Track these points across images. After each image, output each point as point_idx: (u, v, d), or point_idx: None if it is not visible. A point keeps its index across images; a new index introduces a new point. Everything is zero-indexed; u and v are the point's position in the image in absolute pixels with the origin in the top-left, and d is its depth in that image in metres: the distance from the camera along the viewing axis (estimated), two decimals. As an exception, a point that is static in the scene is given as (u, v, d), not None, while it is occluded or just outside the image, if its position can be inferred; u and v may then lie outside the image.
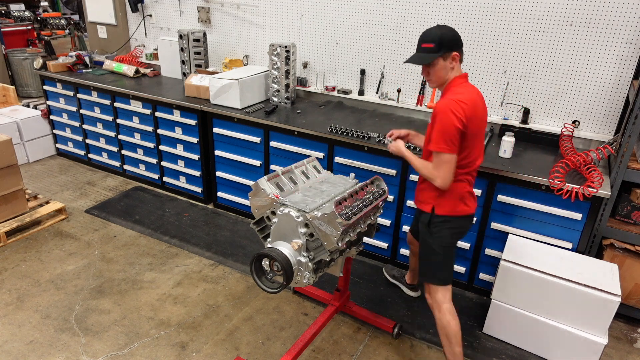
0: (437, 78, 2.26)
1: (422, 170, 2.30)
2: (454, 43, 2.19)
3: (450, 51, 2.19)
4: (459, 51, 2.21)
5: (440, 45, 2.17)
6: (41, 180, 4.75)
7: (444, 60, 2.20)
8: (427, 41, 2.20)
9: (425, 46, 2.20)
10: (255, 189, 2.20)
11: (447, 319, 2.39)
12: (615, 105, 3.15)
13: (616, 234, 2.81)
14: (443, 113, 2.12)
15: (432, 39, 2.18)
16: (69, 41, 6.41)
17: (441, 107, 2.14)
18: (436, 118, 2.16)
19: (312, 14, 4.04)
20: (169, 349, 2.70)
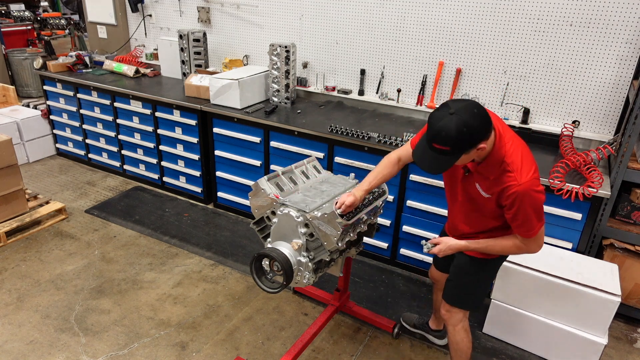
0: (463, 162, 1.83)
1: (506, 252, 1.99)
2: (476, 139, 1.69)
3: (471, 148, 1.71)
4: (485, 139, 1.72)
5: (458, 149, 1.70)
6: (41, 180, 4.75)
7: (467, 154, 1.74)
8: (441, 143, 1.68)
9: (440, 148, 1.69)
10: (255, 189, 2.20)
11: (460, 336, 2.25)
12: (615, 105, 3.15)
13: (616, 234, 2.81)
14: (530, 201, 1.78)
15: (447, 141, 1.66)
16: (69, 41, 6.41)
17: (524, 194, 1.76)
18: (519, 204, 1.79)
19: (312, 14, 4.04)
20: (169, 349, 2.70)
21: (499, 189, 1.83)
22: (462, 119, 1.64)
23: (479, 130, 1.68)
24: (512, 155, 1.80)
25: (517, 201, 1.78)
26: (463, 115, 1.64)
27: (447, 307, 2.26)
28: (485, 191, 1.90)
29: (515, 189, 1.77)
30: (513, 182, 1.77)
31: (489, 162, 1.83)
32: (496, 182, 1.83)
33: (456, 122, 1.64)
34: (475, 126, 1.67)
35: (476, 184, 1.93)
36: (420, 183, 3.16)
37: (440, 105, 1.73)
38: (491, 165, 1.83)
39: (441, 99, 3.73)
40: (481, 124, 1.69)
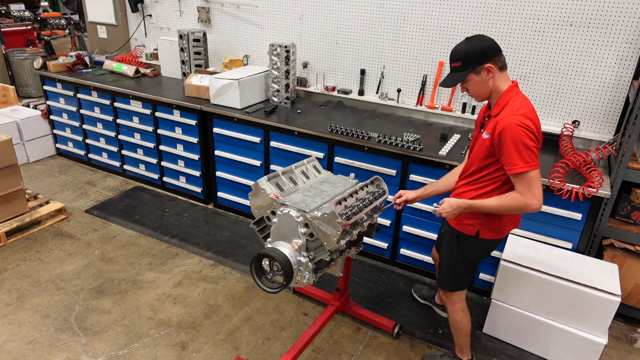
0: (477, 94, 2.10)
1: (507, 205, 2.01)
2: (483, 55, 1.99)
3: (480, 64, 2.00)
4: (493, 62, 2.00)
5: (467, 62, 2.01)
6: (41, 180, 4.75)
7: (477, 74, 2.02)
8: (453, 60, 2.05)
9: (454, 65, 2.05)
10: (255, 189, 2.20)
11: (459, 316, 2.45)
12: (615, 105, 3.15)
13: (616, 234, 2.81)
14: (516, 130, 1.91)
15: (458, 56, 2.02)
16: (69, 41, 6.42)
17: (510, 125, 1.92)
18: (506, 137, 1.93)
19: (312, 14, 4.04)
20: (169, 349, 2.70)
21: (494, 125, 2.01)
22: (472, 39, 2.02)
23: (485, 48, 1.99)
24: (517, 102, 2.02)
25: (502, 134, 1.95)
26: (474, 38, 2.03)
27: (441, 292, 2.52)
28: (487, 132, 2.07)
29: (503, 120, 1.96)
30: (504, 115, 1.99)
31: (499, 103, 2.06)
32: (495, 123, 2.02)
33: (466, 42, 2.02)
34: (481, 46, 2.00)
35: (483, 133, 2.12)
36: (421, 183, 3.16)
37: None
38: (499, 105, 2.06)
39: (441, 99, 3.73)
40: (489, 44, 2.01)
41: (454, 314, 2.45)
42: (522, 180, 1.95)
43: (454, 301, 2.43)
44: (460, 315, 2.44)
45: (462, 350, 2.52)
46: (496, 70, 2.03)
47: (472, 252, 2.29)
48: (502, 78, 2.06)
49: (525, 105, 2.01)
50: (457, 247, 2.29)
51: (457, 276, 2.38)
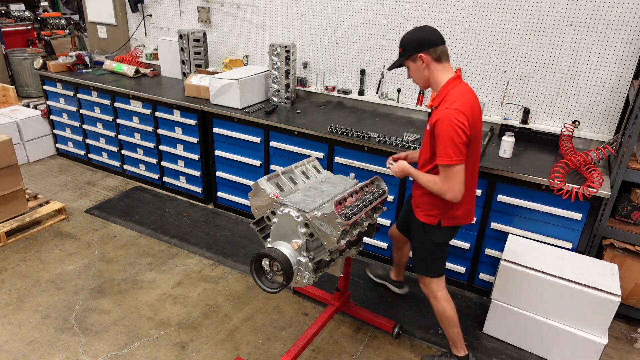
0: (417, 81, 2.29)
1: (430, 186, 2.21)
2: (418, 45, 2.14)
3: (414, 53, 2.16)
4: (427, 52, 2.14)
5: (405, 49, 2.18)
6: (41, 180, 4.75)
7: (414, 62, 2.20)
8: (399, 46, 2.23)
9: (399, 51, 2.24)
10: (255, 189, 2.20)
11: (442, 305, 2.48)
12: (615, 105, 3.15)
13: (616, 234, 2.81)
14: (445, 125, 2.05)
15: (401, 43, 2.21)
16: (69, 41, 6.42)
17: (442, 118, 2.07)
18: (438, 130, 2.09)
19: (312, 14, 4.04)
20: (169, 349, 2.70)
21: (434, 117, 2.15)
22: (418, 29, 2.18)
23: (423, 38, 2.15)
24: (454, 94, 2.14)
25: (436, 126, 2.11)
26: (419, 28, 2.19)
27: (420, 280, 2.56)
28: (429, 123, 2.22)
29: (438, 115, 2.11)
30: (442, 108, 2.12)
31: (439, 95, 2.21)
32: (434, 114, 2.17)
33: (412, 31, 2.19)
34: (421, 35, 2.16)
35: (428, 125, 2.26)
36: (420, 183, 3.16)
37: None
38: (439, 97, 2.20)
39: (441, 99, 3.73)
40: (428, 35, 2.15)
41: (437, 304, 2.50)
42: (443, 172, 2.13)
43: (434, 291, 2.49)
44: (444, 304, 2.47)
45: (455, 344, 2.53)
46: (430, 60, 2.16)
47: (437, 237, 2.42)
48: (440, 69, 2.19)
49: (462, 98, 2.12)
50: (425, 235, 2.43)
51: (431, 260, 2.48)
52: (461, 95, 2.13)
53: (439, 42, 2.16)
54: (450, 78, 2.19)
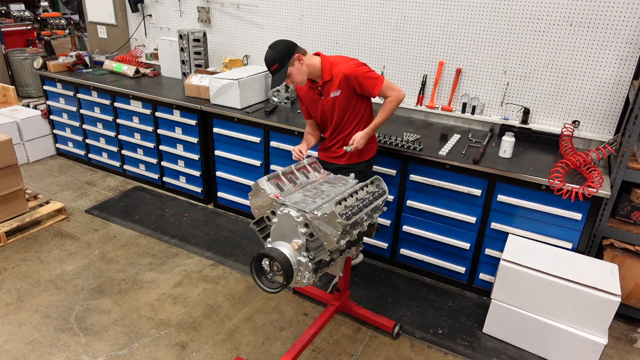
0: (300, 80, 2.65)
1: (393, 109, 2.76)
2: (289, 52, 2.55)
3: (290, 58, 2.56)
4: (297, 52, 2.59)
5: (282, 61, 2.54)
6: (41, 180, 4.75)
7: (293, 66, 2.58)
8: (271, 65, 2.56)
9: (273, 69, 2.56)
10: (255, 189, 2.20)
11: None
12: (615, 105, 3.15)
13: (616, 234, 2.81)
14: (357, 71, 2.63)
15: (273, 61, 2.54)
16: (69, 41, 6.41)
17: (351, 70, 2.62)
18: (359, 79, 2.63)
19: (312, 14, 4.04)
20: (169, 349, 2.70)
21: (339, 80, 2.66)
22: (275, 45, 2.57)
23: (288, 46, 2.56)
24: (333, 60, 2.70)
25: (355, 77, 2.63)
26: (275, 44, 2.58)
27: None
28: (336, 90, 2.69)
29: (345, 70, 2.63)
30: (342, 68, 2.65)
31: (324, 71, 2.68)
32: (335, 78, 2.67)
33: (272, 49, 2.56)
34: (285, 44, 2.57)
35: (331, 94, 2.72)
36: (420, 183, 3.16)
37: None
38: (326, 72, 2.68)
39: (441, 99, 3.73)
40: (287, 43, 2.58)
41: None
42: (386, 88, 2.70)
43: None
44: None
45: None
46: (302, 56, 2.60)
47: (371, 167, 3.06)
48: (310, 58, 2.67)
49: (341, 57, 2.74)
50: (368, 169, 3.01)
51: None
52: (338, 56, 2.73)
53: (294, 43, 2.62)
54: (321, 57, 2.69)
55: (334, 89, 2.69)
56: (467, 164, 2.94)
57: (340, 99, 2.72)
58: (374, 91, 2.69)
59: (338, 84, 2.67)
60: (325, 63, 2.68)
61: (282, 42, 2.59)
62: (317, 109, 2.85)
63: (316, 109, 2.86)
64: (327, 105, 2.78)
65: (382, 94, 2.72)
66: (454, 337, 2.86)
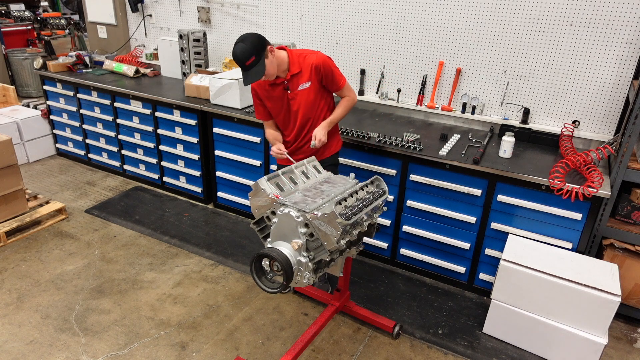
0: (271, 73, 2.55)
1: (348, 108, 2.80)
2: (262, 44, 2.47)
3: (265, 50, 2.47)
4: (269, 44, 2.52)
5: (258, 53, 2.44)
6: (41, 180, 4.75)
7: (267, 58, 2.49)
8: (246, 59, 2.43)
9: (249, 63, 2.44)
10: (255, 189, 2.20)
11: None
12: (615, 105, 3.15)
13: (616, 234, 2.81)
14: (327, 62, 2.64)
15: (249, 54, 2.42)
16: (69, 41, 6.41)
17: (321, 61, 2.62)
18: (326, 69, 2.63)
19: (312, 14, 4.04)
20: (169, 349, 2.70)
21: (309, 71, 2.63)
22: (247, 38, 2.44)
23: (260, 38, 2.47)
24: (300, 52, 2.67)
25: (324, 67, 2.63)
26: (246, 37, 2.45)
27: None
28: (306, 82, 2.65)
29: (316, 60, 2.62)
30: (312, 59, 2.62)
31: (292, 64, 2.62)
32: (304, 70, 2.63)
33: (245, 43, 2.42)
34: (256, 37, 2.46)
35: (299, 86, 2.66)
36: (420, 183, 3.16)
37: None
38: (294, 64, 2.62)
39: (441, 99, 3.73)
40: (258, 35, 2.48)
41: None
42: (348, 87, 2.79)
43: None
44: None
45: None
46: (274, 48, 2.54)
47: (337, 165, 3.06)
48: (279, 51, 2.61)
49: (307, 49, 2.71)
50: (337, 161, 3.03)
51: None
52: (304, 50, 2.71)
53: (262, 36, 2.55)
54: (287, 50, 2.65)
55: (304, 81, 2.64)
56: (467, 164, 2.94)
57: (310, 91, 2.67)
58: (339, 84, 2.72)
59: (308, 75, 2.63)
60: (292, 55, 2.63)
61: (254, 35, 2.48)
62: (282, 105, 2.75)
63: (280, 106, 2.75)
64: (294, 100, 2.70)
65: (343, 92, 2.78)
66: (454, 337, 2.86)
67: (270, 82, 2.67)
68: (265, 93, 2.74)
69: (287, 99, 2.71)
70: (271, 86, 2.69)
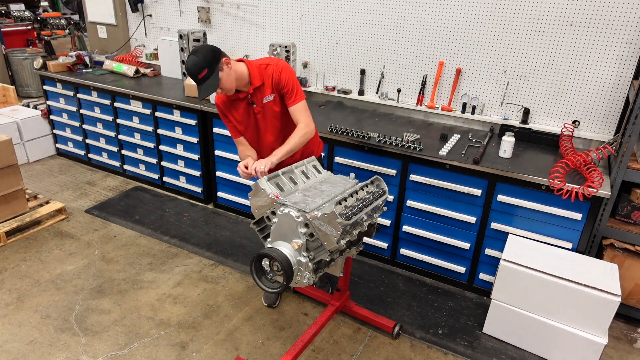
0: (229, 87, 2.39)
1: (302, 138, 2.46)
2: (216, 56, 2.33)
3: (219, 62, 2.33)
4: (224, 56, 2.37)
5: (211, 66, 2.31)
6: (41, 180, 4.75)
7: (222, 71, 2.35)
8: (198, 72, 2.29)
9: (202, 76, 2.30)
10: (255, 189, 2.20)
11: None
12: (615, 105, 3.15)
13: (616, 234, 2.81)
14: (288, 71, 2.44)
15: (201, 67, 2.29)
16: (69, 41, 6.41)
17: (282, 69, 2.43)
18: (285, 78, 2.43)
19: (312, 14, 4.04)
20: (169, 349, 2.70)
21: (271, 81, 2.45)
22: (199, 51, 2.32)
23: (213, 50, 2.34)
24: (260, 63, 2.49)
25: (284, 74, 2.43)
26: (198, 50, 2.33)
27: None
28: (270, 94, 2.49)
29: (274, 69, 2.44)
30: (271, 68, 2.45)
31: (253, 77, 2.45)
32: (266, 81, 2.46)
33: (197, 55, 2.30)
34: (210, 49, 2.34)
35: (264, 99, 2.50)
36: (420, 183, 3.16)
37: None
38: (255, 76, 2.45)
39: (441, 99, 3.73)
40: (212, 47, 2.37)
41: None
42: (302, 109, 2.47)
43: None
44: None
45: None
46: (230, 60, 2.39)
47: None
48: (238, 64, 2.44)
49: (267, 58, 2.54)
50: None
51: None
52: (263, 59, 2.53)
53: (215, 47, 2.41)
54: (246, 62, 2.47)
55: (267, 93, 2.49)
56: (467, 164, 2.95)
57: (275, 103, 2.51)
58: (295, 98, 2.45)
59: (271, 87, 2.47)
60: (252, 68, 2.46)
61: (206, 46, 2.36)
62: (250, 121, 2.59)
63: (248, 123, 2.59)
64: (261, 114, 2.55)
65: (296, 110, 2.47)
66: (454, 337, 2.86)
67: (232, 98, 2.52)
68: (229, 109, 2.58)
69: (254, 114, 2.56)
70: (235, 101, 2.54)
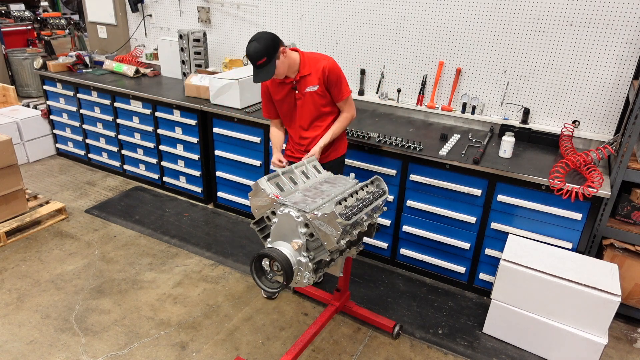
0: (281, 73, 2.59)
1: (343, 126, 2.80)
2: (275, 45, 2.48)
3: (277, 51, 2.49)
4: (282, 45, 2.53)
5: (270, 55, 2.47)
6: (41, 180, 4.75)
7: (279, 59, 2.52)
8: (258, 58, 2.46)
9: (260, 63, 2.47)
10: (255, 189, 2.20)
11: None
12: (615, 105, 3.15)
13: (616, 234, 2.81)
14: (336, 69, 2.65)
15: (261, 54, 2.45)
16: (69, 41, 6.42)
17: (331, 67, 2.62)
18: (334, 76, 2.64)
19: (312, 14, 4.04)
20: (169, 349, 2.70)
21: (318, 74, 2.64)
22: (261, 37, 2.47)
23: (274, 39, 2.49)
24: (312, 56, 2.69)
25: (333, 71, 2.64)
26: (260, 37, 2.48)
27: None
28: (314, 85, 2.66)
29: (325, 64, 2.62)
30: (323, 63, 2.63)
31: (303, 65, 2.65)
32: (314, 73, 2.64)
33: (258, 43, 2.45)
34: (271, 37, 2.48)
35: (307, 89, 2.68)
36: (420, 183, 3.16)
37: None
38: (305, 66, 2.65)
39: (441, 99, 3.73)
40: (273, 36, 2.50)
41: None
42: (347, 102, 2.77)
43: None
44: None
45: None
46: (286, 50, 2.57)
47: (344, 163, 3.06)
48: (292, 53, 2.64)
49: (319, 53, 2.72)
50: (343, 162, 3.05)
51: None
52: (316, 53, 2.72)
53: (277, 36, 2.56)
54: (299, 52, 2.67)
55: (311, 84, 2.66)
56: (467, 164, 2.95)
57: (316, 95, 2.69)
58: (343, 94, 2.71)
59: (317, 78, 2.64)
60: (304, 58, 2.66)
61: (268, 35, 2.49)
62: (288, 104, 2.78)
63: (286, 105, 2.79)
64: (300, 101, 2.73)
65: (344, 104, 2.77)
66: (454, 337, 2.86)
67: (279, 80, 2.70)
68: (275, 89, 2.77)
69: (294, 99, 2.74)
70: (280, 84, 2.72)
